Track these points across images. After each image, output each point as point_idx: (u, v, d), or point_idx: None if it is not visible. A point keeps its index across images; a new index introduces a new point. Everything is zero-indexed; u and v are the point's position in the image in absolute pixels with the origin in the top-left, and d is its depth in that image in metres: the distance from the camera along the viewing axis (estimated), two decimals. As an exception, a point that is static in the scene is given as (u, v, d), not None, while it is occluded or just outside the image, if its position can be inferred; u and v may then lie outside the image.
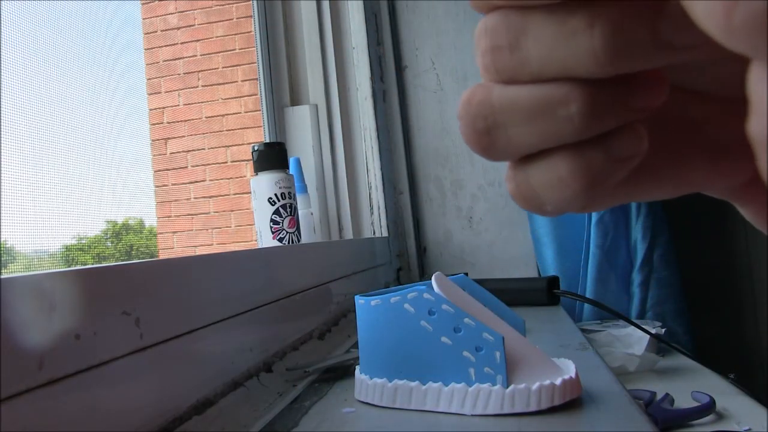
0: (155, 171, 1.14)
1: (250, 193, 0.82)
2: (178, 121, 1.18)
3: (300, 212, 0.87)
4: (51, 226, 0.62)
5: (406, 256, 1.29)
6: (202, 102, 1.17)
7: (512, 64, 0.17)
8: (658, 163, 0.19)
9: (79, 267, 0.38)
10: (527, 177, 0.18)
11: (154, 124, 1.17)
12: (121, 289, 0.36)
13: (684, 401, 0.71)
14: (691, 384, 0.78)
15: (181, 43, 1.19)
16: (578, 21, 0.15)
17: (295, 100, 1.13)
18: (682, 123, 0.19)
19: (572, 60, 0.16)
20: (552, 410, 0.40)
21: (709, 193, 0.20)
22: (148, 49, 1.16)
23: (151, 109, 1.16)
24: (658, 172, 0.19)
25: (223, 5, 1.19)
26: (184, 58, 1.18)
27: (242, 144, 1.15)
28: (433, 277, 0.45)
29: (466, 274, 0.58)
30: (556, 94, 0.16)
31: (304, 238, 0.91)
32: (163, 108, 1.18)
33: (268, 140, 1.06)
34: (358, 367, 0.48)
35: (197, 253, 0.80)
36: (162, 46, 1.18)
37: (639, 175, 0.18)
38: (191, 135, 1.18)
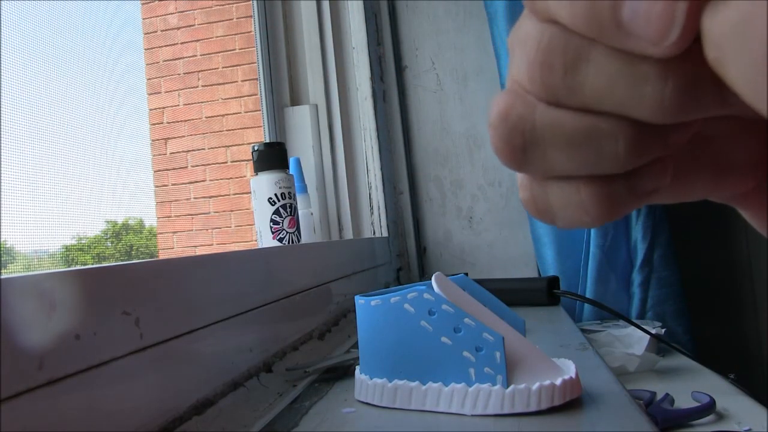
0: (155, 171, 1.14)
1: (250, 193, 0.82)
2: (178, 121, 1.18)
3: (300, 212, 0.87)
4: (51, 226, 0.62)
5: (406, 256, 1.29)
6: (202, 102, 1.17)
7: (563, 86, 0.16)
8: None
9: (79, 267, 0.38)
10: (545, 193, 0.18)
11: (154, 124, 1.17)
12: (121, 289, 0.36)
13: (684, 401, 0.71)
14: (691, 384, 0.78)
15: (181, 43, 1.19)
16: (651, 68, 0.15)
17: (295, 100, 1.13)
18: (693, 137, 0.19)
19: (633, 102, 0.15)
20: (552, 410, 0.40)
21: (710, 198, 0.20)
22: (148, 49, 1.16)
23: (151, 109, 1.16)
24: None
25: (223, 5, 1.19)
26: (184, 58, 1.18)
27: (242, 144, 1.15)
28: (433, 277, 0.45)
29: (466, 274, 0.58)
30: (604, 128, 0.16)
31: (304, 238, 0.91)
32: (163, 108, 1.18)
33: (268, 140, 1.06)
34: (358, 367, 0.48)
35: (197, 253, 0.80)
36: (162, 46, 1.18)
37: None
38: (191, 135, 1.18)
